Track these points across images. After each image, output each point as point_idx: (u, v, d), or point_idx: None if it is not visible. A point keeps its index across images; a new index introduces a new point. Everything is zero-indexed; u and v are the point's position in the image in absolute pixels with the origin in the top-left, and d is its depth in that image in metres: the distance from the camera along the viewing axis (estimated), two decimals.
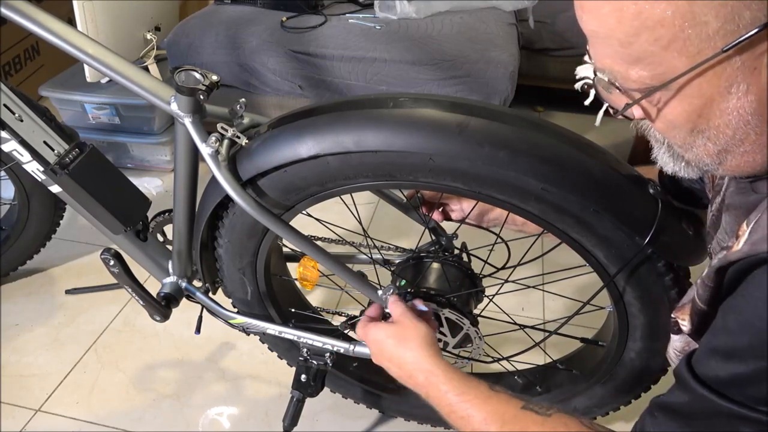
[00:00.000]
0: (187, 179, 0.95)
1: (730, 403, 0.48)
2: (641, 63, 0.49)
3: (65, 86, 2.04)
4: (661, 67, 0.48)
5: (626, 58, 0.49)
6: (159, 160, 2.14)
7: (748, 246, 0.47)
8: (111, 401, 1.35)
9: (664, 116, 0.53)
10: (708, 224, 0.70)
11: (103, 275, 1.20)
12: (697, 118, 0.50)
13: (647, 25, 0.46)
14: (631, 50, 0.48)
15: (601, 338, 1.05)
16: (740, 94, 0.47)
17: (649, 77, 0.49)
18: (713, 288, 0.52)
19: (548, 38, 2.23)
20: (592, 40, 0.52)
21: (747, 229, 0.50)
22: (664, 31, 0.45)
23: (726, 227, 0.64)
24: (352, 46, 1.82)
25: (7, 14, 0.83)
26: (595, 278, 0.86)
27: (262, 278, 1.04)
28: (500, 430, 0.66)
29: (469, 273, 1.05)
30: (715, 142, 0.51)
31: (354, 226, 1.17)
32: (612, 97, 0.56)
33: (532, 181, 0.74)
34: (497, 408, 0.68)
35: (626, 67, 0.50)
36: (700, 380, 0.50)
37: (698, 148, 0.53)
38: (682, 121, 0.52)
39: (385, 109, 0.78)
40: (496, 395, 0.70)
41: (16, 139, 0.96)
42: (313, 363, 1.09)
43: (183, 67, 0.83)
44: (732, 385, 0.48)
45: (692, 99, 0.49)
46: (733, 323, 0.48)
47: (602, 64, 0.52)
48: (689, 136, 0.53)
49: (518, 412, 0.67)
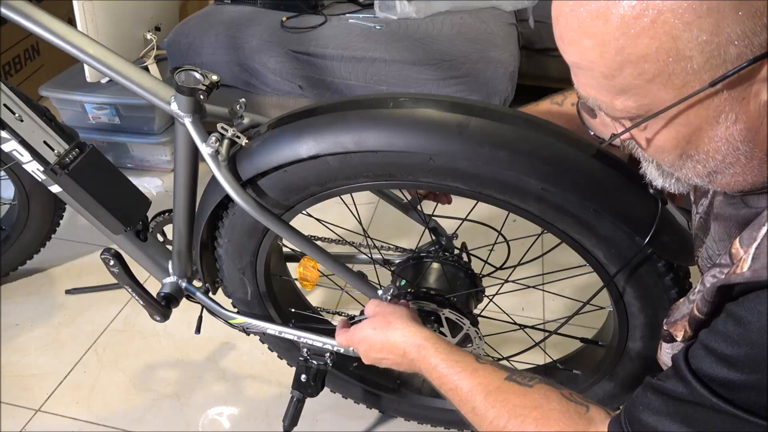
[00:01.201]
0: (187, 179, 0.95)
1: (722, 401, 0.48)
2: (626, 94, 0.48)
3: (65, 86, 2.04)
4: (646, 98, 0.48)
5: (610, 89, 0.49)
6: (159, 160, 2.14)
7: (750, 272, 0.47)
8: (111, 401, 1.35)
9: (651, 143, 0.53)
10: (695, 226, 0.70)
11: (103, 275, 1.20)
12: (686, 144, 0.50)
13: (631, 59, 0.45)
14: (614, 83, 0.48)
15: (601, 338, 1.05)
16: (729, 123, 0.47)
17: (635, 107, 0.49)
18: (715, 303, 0.52)
19: (548, 38, 2.23)
20: (574, 71, 0.51)
21: (740, 248, 0.50)
22: (648, 66, 0.45)
23: (714, 236, 0.64)
24: (352, 46, 1.82)
25: (7, 14, 0.83)
26: (595, 278, 0.86)
27: (262, 278, 1.04)
28: (485, 400, 0.67)
29: (469, 273, 1.05)
30: (705, 165, 0.51)
31: (354, 226, 1.17)
32: (596, 122, 0.56)
33: (532, 181, 0.74)
34: (482, 379, 0.70)
35: (611, 97, 0.49)
36: (695, 374, 0.51)
37: (688, 169, 0.53)
38: (670, 148, 0.52)
39: (385, 109, 0.78)
40: (482, 367, 0.71)
41: (16, 139, 0.96)
42: (313, 363, 1.09)
43: (183, 67, 0.83)
44: (725, 387, 0.49)
45: (680, 128, 0.49)
46: (734, 332, 0.48)
47: (586, 92, 0.52)
48: (678, 159, 0.52)
49: (502, 383, 0.68)
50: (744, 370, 0.47)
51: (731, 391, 0.48)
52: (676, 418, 0.52)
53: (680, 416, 0.52)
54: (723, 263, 0.52)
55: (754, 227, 0.50)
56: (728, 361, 0.48)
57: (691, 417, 0.51)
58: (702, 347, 0.52)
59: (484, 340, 1.04)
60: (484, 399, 0.68)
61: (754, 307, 0.47)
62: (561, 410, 0.63)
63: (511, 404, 0.66)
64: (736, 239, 0.52)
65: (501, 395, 0.67)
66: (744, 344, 0.47)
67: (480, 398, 0.68)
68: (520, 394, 0.66)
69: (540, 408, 0.64)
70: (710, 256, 0.65)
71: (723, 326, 0.50)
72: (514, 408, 0.65)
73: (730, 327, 0.49)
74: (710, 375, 0.50)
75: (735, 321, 0.48)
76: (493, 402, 0.67)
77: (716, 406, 0.49)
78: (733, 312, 0.49)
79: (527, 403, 0.65)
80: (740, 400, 0.48)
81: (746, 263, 0.48)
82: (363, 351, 0.85)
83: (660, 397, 0.54)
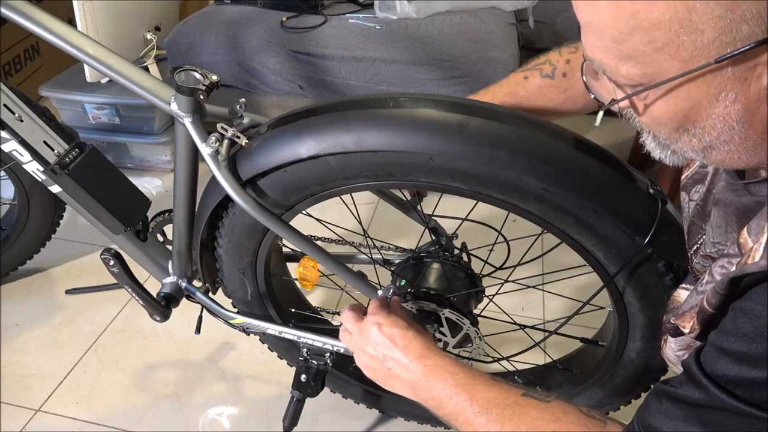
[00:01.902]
0: (187, 179, 0.95)
1: (741, 402, 0.47)
2: (632, 60, 0.48)
3: (65, 86, 2.04)
4: (651, 67, 0.48)
5: (618, 53, 0.48)
6: (159, 160, 2.14)
7: (765, 261, 0.46)
8: (111, 401, 1.35)
9: (650, 113, 0.53)
10: (691, 213, 0.69)
11: (103, 275, 1.20)
12: (683, 119, 0.51)
13: (643, 26, 0.45)
14: (623, 47, 0.48)
15: (601, 338, 1.05)
16: (728, 102, 0.47)
17: (639, 75, 0.49)
18: (726, 295, 0.52)
19: (548, 38, 2.23)
20: (584, 30, 0.51)
21: (749, 238, 0.49)
22: (659, 34, 0.45)
23: (714, 222, 0.63)
24: (352, 46, 1.82)
25: (7, 14, 0.83)
26: (595, 278, 0.86)
27: (262, 278, 1.04)
28: (502, 413, 0.66)
29: (469, 273, 1.05)
30: (700, 140, 0.51)
31: (354, 226, 1.17)
32: (597, 84, 0.56)
33: (532, 181, 0.74)
34: (500, 393, 0.68)
35: (617, 62, 0.49)
36: (710, 378, 0.50)
37: (683, 143, 0.53)
38: (667, 120, 0.52)
39: (385, 109, 0.78)
40: (498, 383, 0.70)
41: (16, 139, 0.96)
42: (313, 363, 1.09)
43: (183, 67, 0.83)
44: (743, 387, 0.48)
45: (679, 101, 0.49)
46: (748, 328, 0.47)
47: (593, 54, 0.51)
48: (675, 132, 0.53)
49: (519, 398, 0.67)
50: (763, 366, 0.46)
51: (751, 390, 0.47)
52: (693, 423, 0.51)
53: (698, 420, 0.51)
54: (731, 253, 0.52)
55: (762, 216, 0.50)
56: (745, 359, 0.47)
57: (710, 421, 0.50)
58: (714, 349, 0.51)
59: (484, 340, 1.04)
60: (501, 413, 0.66)
61: (765, 300, 0.46)
62: (579, 423, 0.63)
63: (530, 417, 0.65)
64: (744, 229, 0.51)
65: (519, 409, 0.66)
66: (760, 339, 0.46)
67: (497, 411, 0.67)
68: (538, 408, 0.65)
69: (559, 421, 0.63)
70: (713, 243, 0.64)
71: (733, 324, 0.49)
72: (532, 421, 0.64)
73: (742, 324, 0.48)
74: (727, 376, 0.49)
75: (746, 317, 0.47)
76: (510, 415, 0.66)
77: (735, 408, 0.47)
78: (742, 308, 0.48)
79: (545, 416, 0.64)
80: (760, 399, 0.47)
81: (758, 253, 0.47)
82: (362, 363, 0.83)
83: (675, 403, 0.53)
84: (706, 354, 0.51)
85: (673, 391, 0.54)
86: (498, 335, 1.14)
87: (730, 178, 0.60)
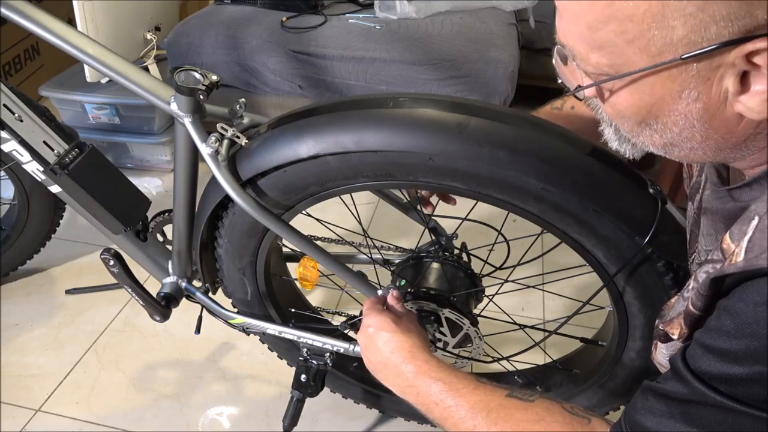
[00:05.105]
0: (187, 179, 0.95)
1: (725, 398, 0.48)
2: (603, 50, 0.49)
3: (65, 86, 2.04)
4: (620, 59, 0.48)
5: (590, 42, 0.49)
6: (159, 160, 2.14)
7: (744, 262, 0.47)
8: (111, 401, 1.35)
9: (614, 105, 0.53)
10: (691, 222, 0.71)
11: (103, 275, 1.20)
12: (646, 114, 0.51)
13: (617, 16, 0.46)
14: (595, 36, 0.48)
15: (601, 338, 1.05)
16: (690, 100, 0.48)
17: (608, 66, 0.50)
18: (709, 296, 0.52)
19: (548, 38, 2.23)
20: (560, 14, 0.52)
21: (731, 243, 0.50)
22: (631, 26, 0.46)
23: (703, 230, 0.64)
24: (352, 46, 1.82)
25: (7, 14, 0.83)
26: (595, 278, 0.86)
27: (262, 278, 1.04)
28: (487, 417, 0.67)
29: (468, 273, 1.05)
30: (662, 136, 0.52)
31: (354, 226, 1.17)
32: (567, 70, 0.56)
33: (532, 181, 0.74)
34: (484, 397, 0.69)
35: (588, 50, 0.50)
36: (695, 374, 0.51)
37: (645, 137, 0.54)
38: (630, 114, 0.53)
39: (385, 109, 0.78)
40: (483, 385, 0.71)
41: (16, 139, 0.96)
42: (313, 363, 1.09)
43: (183, 67, 0.83)
44: (726, 383, 0.49)
45: (644, 95, 0.50)
46: (730, 325, 0.48)
47: (565, 39, 0.52)
48: (637, 126, 0.54)
49: (503, 400, 0.68)
50: (745, 363, 0.47)
51: (733, 386, 0.48)
52: (678, 419, 0.52)
53: (682, 416, 0.52)
54: (715, 259, 0.53)
55: (743, 222, 0.50)
56: (727, 355, 0.48)
57: (693, 416, 0.51)
58: (698, 346, 0.51)
59: (484, 340, 1.04)
60: (486, 416, 0.67)
61: (747, 298, 0.47)
62: (564, 422, 0.64)
63: (514, 419, 0.65)
64: (726, 234, 0.52)
65: (503, 411, 0.67)
66: (742, 336, 0.47)
67: (482, 416, 0.67)
68: (522, 409, 0.66)
69: (543, 421, 0.64)
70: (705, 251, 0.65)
71: (717, 322, 0.50)
72: (517, 423, 0.65)
73: (724, 321, 0.49)
74: (710, 372, 0.49)
75: (729, 314, 0.48)
76: (495, 419, 0.66)
77: (718, 403, 0.48)
78: (725, 306, 0.49)
79: (530, 417, 0.65)
80: (743, 395, 0.48)
81: (739, 256, 0.48)
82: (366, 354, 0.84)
83: (660, 399, 0.54)
84: (691, 351, 0.52)
85: (658, 388, 0.55)
86: (498, 335, 1.14)
87: (714, 185, 0.61)
